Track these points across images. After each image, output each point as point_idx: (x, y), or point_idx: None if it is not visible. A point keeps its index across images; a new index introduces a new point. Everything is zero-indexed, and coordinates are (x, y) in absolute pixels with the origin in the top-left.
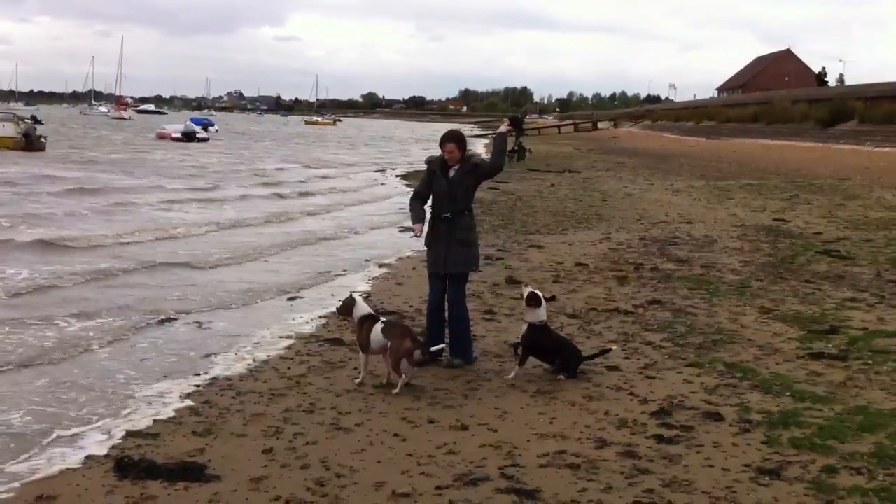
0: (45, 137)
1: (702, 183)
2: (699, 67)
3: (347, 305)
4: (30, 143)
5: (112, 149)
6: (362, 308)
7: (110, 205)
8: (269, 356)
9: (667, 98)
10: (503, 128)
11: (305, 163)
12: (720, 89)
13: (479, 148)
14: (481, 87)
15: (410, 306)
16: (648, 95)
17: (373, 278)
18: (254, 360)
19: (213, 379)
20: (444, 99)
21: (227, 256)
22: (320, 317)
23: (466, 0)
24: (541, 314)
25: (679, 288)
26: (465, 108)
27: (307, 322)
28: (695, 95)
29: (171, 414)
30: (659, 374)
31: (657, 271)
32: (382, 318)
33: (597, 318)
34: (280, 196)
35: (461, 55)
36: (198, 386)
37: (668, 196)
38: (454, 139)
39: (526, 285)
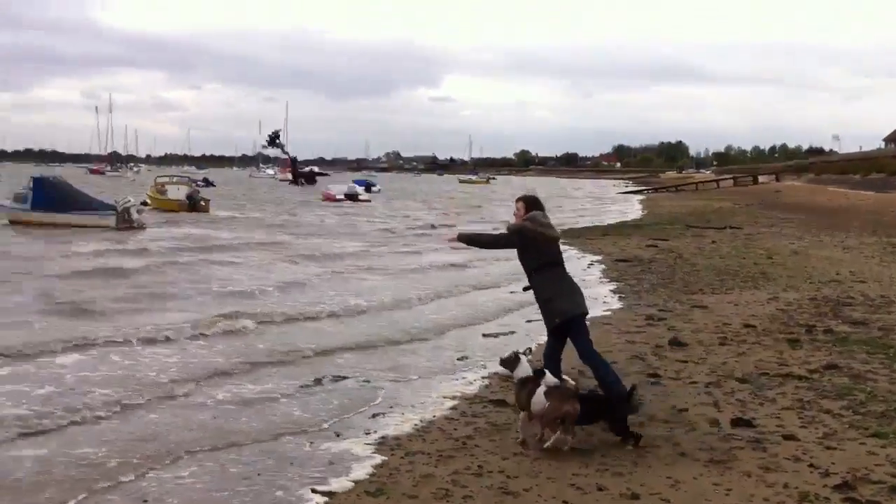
0: (206, 200)
1: (874, 239)
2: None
3: (511, 361)
4: (193, 205)
5: (280, 209)
6: (525, 369)
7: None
8: (434, 416)
9: (830, 150)
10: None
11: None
12: (888, 140)
13: (635, 205)
14: (635, 143)
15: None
16: (810, 147)
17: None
18: (421, 420)
19: (383, 438)
20: (597, 155)
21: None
22: (483, 377)
23: (616, 56)
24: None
25: (856, 352)
26: (618, 164)
27: (470, 383)
28: (861, 147)
29: (346, 473)
30: (840, 444)
31: (831, 333)
32: (547, 382)
33: (769, 384)
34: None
35: (613, 111)
36: (368, 445)
37: (839, 253)
38: (521, 199)
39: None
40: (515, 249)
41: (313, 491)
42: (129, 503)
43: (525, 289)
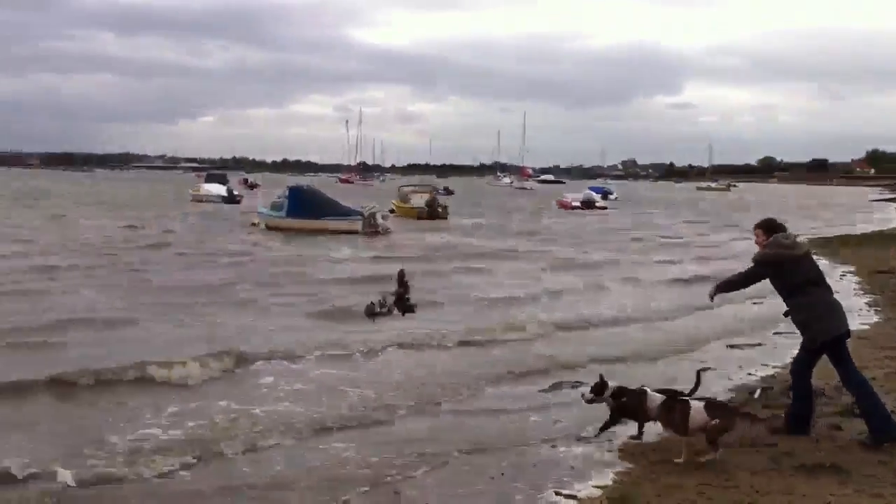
0: (444, 207)
1: None
2: None
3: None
4: (433, 212)
5: (517, 216)
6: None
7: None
8: None
9: None
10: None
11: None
12: None
13: (893, 213)
14: (891, 147)
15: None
16: None
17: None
18: (662, 432)
19: (626, 445)
20: (848, 161)
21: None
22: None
23: (869, 58)
24: None
25: None
26: (872, 171)
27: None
28: None
29: (589, 478)
30: None
31: None
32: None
33: None
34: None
35: (866, 114)
36: (610, 451)
37: None
38: (758, 225)
39: None
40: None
41: (556, 493)
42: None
43: (785, 314)
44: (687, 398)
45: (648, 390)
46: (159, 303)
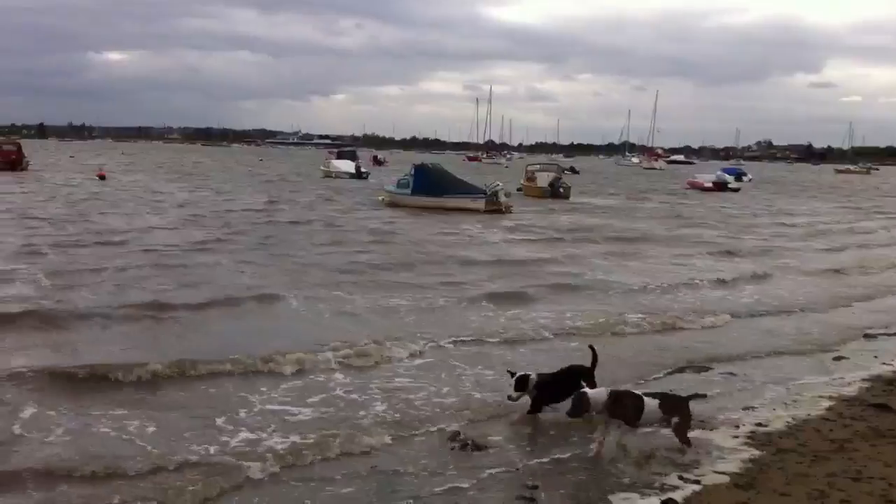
0: (566, 187)
1: None
2: None
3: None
4: (555, 192)
5: (644, 197)
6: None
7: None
8: (809, 415)
9: None
10: None
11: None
12: None
13: None
14: None
15: None
16: None
17: None
18: (793, 418)
19: (752, 432)
20: None
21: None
22: (863, 379)
23: None
24: None
25: None
26: None
27: (849, 384)
28: None
29: (715, 464)
30: None
31: None
32: None
33: None
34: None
35: None
36: (736, 437)
37: None
38: None
39: None
40: None
41: (680, 478)
42: None
43: None
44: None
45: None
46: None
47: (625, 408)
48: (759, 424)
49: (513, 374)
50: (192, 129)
